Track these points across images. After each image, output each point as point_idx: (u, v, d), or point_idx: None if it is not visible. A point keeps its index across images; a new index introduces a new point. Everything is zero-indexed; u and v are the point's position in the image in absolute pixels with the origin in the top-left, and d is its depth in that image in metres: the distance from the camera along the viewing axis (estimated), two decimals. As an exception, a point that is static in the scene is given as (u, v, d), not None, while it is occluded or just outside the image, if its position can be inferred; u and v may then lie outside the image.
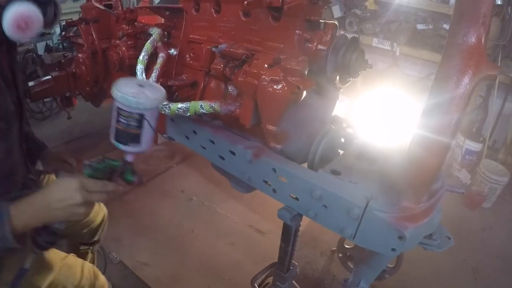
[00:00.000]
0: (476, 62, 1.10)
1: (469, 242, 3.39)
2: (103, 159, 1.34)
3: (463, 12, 1.11)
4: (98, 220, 2.17)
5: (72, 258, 1.76)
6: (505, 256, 3.30)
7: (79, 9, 3.00)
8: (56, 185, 1.23)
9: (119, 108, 1.25)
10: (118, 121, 1.27)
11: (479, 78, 1.13)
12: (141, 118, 1.28)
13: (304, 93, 1.34)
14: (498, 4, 4.02)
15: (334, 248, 2.51)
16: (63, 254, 1.72)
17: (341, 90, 1.69)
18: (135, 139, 1.30)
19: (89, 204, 1.25)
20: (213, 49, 1.58)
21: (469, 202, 3.95)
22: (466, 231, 3.57)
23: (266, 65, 1.36)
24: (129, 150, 1.33)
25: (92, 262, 2.36)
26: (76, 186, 1.19)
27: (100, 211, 2.20)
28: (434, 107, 1.17)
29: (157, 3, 3.45)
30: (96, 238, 2.23)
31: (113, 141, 1.30)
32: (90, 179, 1.26)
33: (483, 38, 1.12)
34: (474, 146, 4.38)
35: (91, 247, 2.33)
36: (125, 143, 1.31)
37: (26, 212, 1.18)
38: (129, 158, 1.36)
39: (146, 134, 1.32)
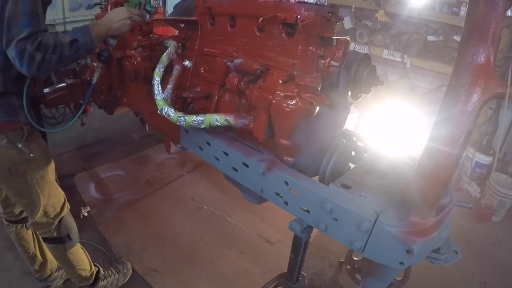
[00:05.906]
0: (485, 80, 1.12)
1: (478, 256, 3.36)
2: None
3: (472, 30, 1.13)
4: None
5: None
6: (514, 270, 3.28)
7: (93, 17, 3.04)
8: (112, 11, 1.85)
9: None
10: None
11: (488, 96, 1.15)
12: None
13: (317, 108, 1.38)
14: (508, 16, 3.92)
15: (343, 260, 2.52)
16: None
17: (352, 105, 1.72)
18: None
19: (131, 19, 1.84)
20: (228, 63, 1.60)
21: (478, 216, 3.91)
22: (475, 245, 3.54)
23: (280, 81, 1.40)
24: None
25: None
26: (124, 9, 1.84)
27: None
28: (444, 122, 1.20)
29: (170, 14, 3.50)
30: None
31: None
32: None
33: (492, 57, 1.14)
34: (484, 159, 4.32)
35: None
36: None
37: (98, 25, 1.77)
38: None
39: None
